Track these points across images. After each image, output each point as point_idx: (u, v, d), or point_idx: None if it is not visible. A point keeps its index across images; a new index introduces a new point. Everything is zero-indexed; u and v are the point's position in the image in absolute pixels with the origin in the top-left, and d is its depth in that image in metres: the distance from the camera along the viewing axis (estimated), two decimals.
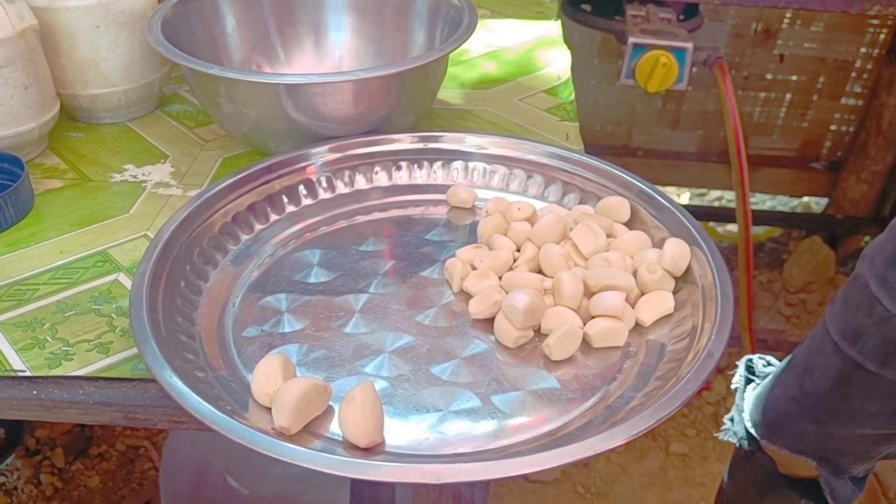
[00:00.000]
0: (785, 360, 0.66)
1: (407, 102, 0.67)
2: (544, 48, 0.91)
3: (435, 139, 0.65)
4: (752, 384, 0.68)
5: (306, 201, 0.62)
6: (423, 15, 0.75)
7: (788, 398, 0.63)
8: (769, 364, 0.69)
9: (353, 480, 0.67)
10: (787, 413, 0.63)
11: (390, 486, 0.70)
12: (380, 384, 0.47)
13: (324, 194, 0.63)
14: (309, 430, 0.43)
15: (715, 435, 1.33)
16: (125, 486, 1.36)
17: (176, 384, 0.42)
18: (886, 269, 0.53)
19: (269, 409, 0.44)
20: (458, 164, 0.65)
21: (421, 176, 0.65)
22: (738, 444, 0.69)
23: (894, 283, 0.52)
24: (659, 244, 0.55)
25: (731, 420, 0.71)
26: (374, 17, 0.78)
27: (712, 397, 1.52)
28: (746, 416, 0.67)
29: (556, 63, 0.88)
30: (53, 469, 1.37)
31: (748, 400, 0.68)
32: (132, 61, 0.73)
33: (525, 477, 1.37)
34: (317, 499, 1.12)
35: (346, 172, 0.64)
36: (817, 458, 0.64)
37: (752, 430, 0.66)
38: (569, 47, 0.92)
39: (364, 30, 0.78)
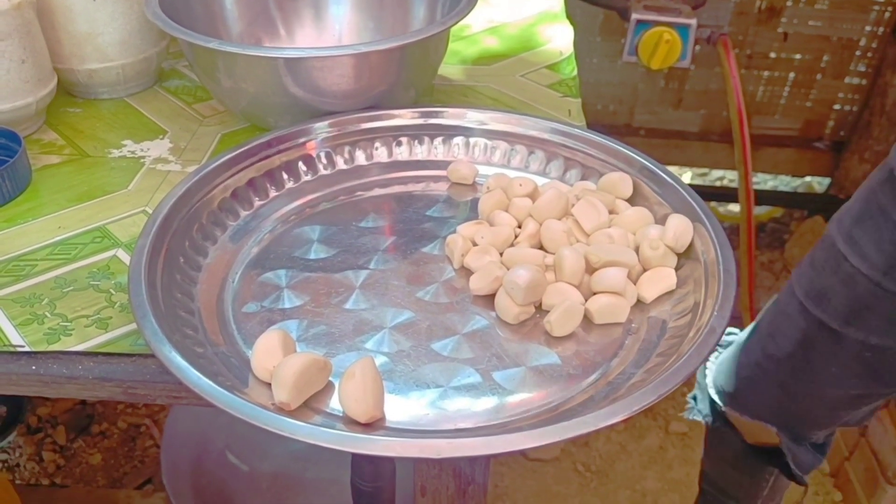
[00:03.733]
0: (748, 328, 0.66)
1: (408, 77, 0.66)
2: (546, 23, 0.90)
3: (436, 115, 0.65)
4: (714, 354, 0.68)
5: (306, 177, 0.62)
6: None
7: (751, 364, 0.63)
8: (730, 332, 0.69)
9: (354, 456, 0.67)
10: (749, 379, 0.63)
11: (391, 463, 0.70)
12: (380, 360, 0.47)
13: (324, 170, 0.63)
14: (309, 406, 0.43)
15: (679, 415, 1.33)
16: (127, 463, 1.36)
17: (175, 359, 0.41)
18: (853, 226, 0.53)
19: (269, 384, 0.43)
20: (458, 139, 0.64)
21: (421, 152, 0.65)
22: (703, 422, 0.70)
23: (860, 239, 0.53)
24: (661, 220, 0.55)
25: (694, 398, 0.71)
26: None
27: None
28: (710, 383, 0.67)
29: (559, 39, 0.87)
30: (55, 446, 1.38)
31: (711, 368, 0.68)
32: (130, 35, 0.72)
33: (524, 455, 1.38)
34: (317, 476, 1.12)
35: (347, 148, 0.63)
36: (777, 424, 0.64)
37: (716, 398, 0.66)
38: (571, 22, 0.91)
39: (364, 4, 0.77)
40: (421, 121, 0.65)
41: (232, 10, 0.75)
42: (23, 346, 0.48)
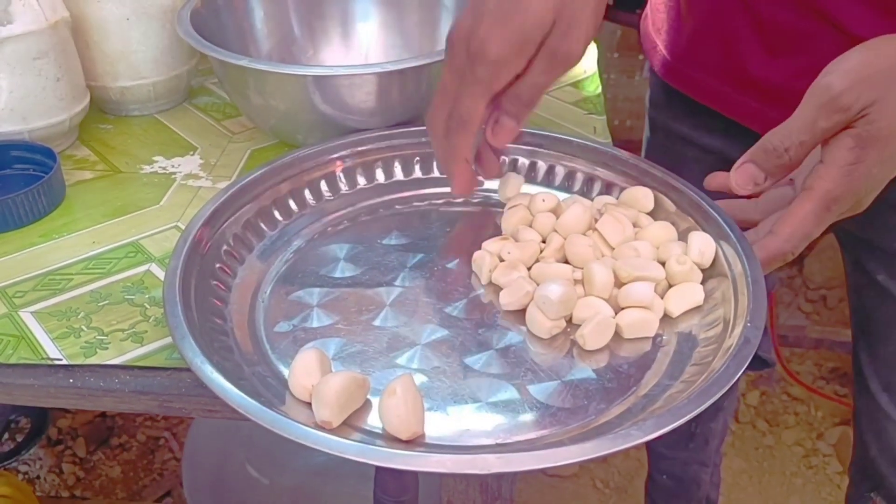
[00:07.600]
0: None
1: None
2: None
3: None
4: None
5: (328, 195, 0.62)
6: (450, 7, 0.75)
7: None
8: None
9: (378, 471, 0.67)
10: None
11: (415, 477, 0.70)
12: (416, 377, 0.46)
13: (345, 188, 0.62)
14: (348, 424, 0.43)
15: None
16: (146, 476, 1.37)
17: (218, 381, 0.41)
18: None
19: (307, 403, 0.43)
20: None
21: (439, 169, 0.65)
22: None
23: None
24: (684, 234, 0.55)
25: None
26: (400, 8, 0.78)
27: None
28: None
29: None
30: (75, 459, 1.39)
31: None
32: (161, 53, 0.73)
33: (543, 471, 1.37)
34: (338, 490, 1.12)
35: (365, 167, 0.63)
36: None
37: None
38: (595, 41, 0.91)
39: (391, 21, 0.78)
40: None
41: (262, 29, 0.76)
42: (60, 360, 0.49)
